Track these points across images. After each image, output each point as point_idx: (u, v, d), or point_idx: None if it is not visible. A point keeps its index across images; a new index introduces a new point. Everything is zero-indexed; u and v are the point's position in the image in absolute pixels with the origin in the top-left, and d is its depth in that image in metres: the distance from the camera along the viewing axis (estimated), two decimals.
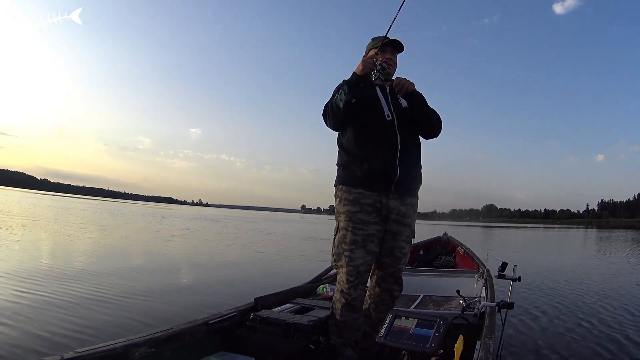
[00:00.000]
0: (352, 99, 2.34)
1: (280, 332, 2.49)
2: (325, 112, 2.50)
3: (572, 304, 6.20)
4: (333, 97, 2.47)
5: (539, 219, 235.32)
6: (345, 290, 2.50)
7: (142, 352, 1.97)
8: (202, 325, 2.35)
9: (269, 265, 9.59)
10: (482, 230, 49.66)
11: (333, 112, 2.44)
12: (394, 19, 2.35)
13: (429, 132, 2.63)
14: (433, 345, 1.95)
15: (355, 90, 2.35)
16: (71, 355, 1.73)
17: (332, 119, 2.47)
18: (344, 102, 2.35)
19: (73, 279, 6.07)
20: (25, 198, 56.65)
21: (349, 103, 2.35)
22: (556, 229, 70.75)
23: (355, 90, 2.35)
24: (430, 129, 2.62)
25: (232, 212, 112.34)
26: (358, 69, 2.36)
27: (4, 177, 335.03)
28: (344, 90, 2.35)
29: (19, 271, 6.33)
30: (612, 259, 15.35)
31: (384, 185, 2.47)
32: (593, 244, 27.14)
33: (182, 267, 8.52)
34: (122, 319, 4.26)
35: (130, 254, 10.07)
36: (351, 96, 2.34)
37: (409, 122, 2.54)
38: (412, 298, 3.61)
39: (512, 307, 2.61)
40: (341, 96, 2.36)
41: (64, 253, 9.16)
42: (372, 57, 2.43)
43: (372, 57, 2.43)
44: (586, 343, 4.25)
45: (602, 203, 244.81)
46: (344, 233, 2.50)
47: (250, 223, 34.68)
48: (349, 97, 2.34)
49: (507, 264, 2.90)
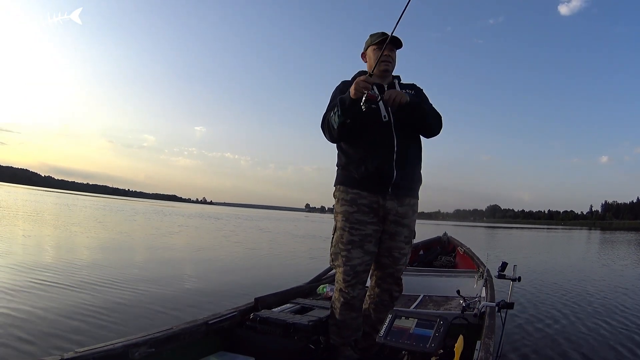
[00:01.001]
0: (346, 120, 2.34)
1: (280, 332, 2.50)
2: (323, 126, 2.48)
3: (573, 303, 6.19)
4: (329, 112, 2.44)
5: (543, 220, 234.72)
6: (343, 290, 2.51)
7: (142, 352, 1.98)
8: (202, 325, 2.35)
9: (269, 265, 9.60)
10: (486, 230, 49.60)
11: (329, 131, 2.44)
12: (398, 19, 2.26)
13: (428, 133, 2.61)
14: (433, 345, 1.95)
15: (349, 113, 2.32)
16: (71, 355, 1.73)
17: (330, 136, 2.47)
18: (338, 123, 2.35)
19: (73, 278, 6.07)
20: (27, 195, 56.77)
21: (343, 124, 2.35)
22: (560, 230, 70.52)
23: (349, 112, 2.32)
24: (429, 131, 2.60)
25: (236, 210, 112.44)
26: (351, 92, 2.26)
27: (8, 174, 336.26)
28: (338, 112, 2.33)
29: (19, 271, 6.33)
30: (613, 260, 15.29)
31: (381, 187, 2.47)
32: (595, 246, 27.03)
33: (182, 266, 8.53)
34: (122, 319, 4.26)
35: (130, 253, 10.08)
36: (345, 118, 2.33)
37: (407, 122, 2.52)
38: (412, 298, 3.60)
39: (512, 307, 2.61)
40: (335, 118, 2.35)
41: (63, 252, 9.14)
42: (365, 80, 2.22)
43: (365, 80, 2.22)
44: (586, 343, 4.24)
45: (606, 204, 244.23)
46: (341, 233, 2.50)
47: (252, 221, 34.72)
48: (342, 119, 2.34)
49: (507, 264, 2.90)
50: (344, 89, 2.49)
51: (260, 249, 13.21)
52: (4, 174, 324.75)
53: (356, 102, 2.26)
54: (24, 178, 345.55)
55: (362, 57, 2.70)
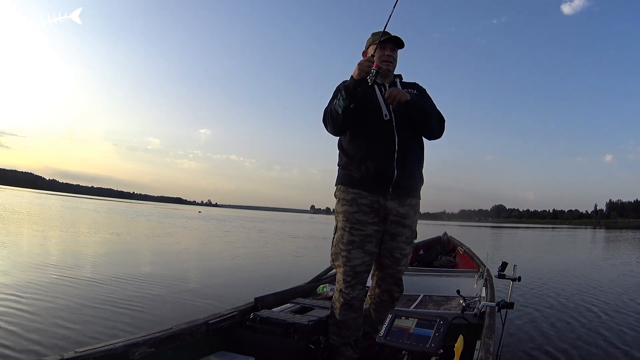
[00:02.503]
0: (350, 104, 2.32)
1: (280, 332, 2.49)
2: (325, 118, 2.46)
3: (573, 303, 6.17)
4: (332, 102, 2.44)
5: (548, 220, 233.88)
6: (343, 290, 2.50)
7: (142, 352, 1.98)
8: (202, 325, 2.35)
9: (269, 265, 9.63)
10: (491, 230, 49.46)
11: (332, 117, 2.40)
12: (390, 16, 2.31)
13: (429, 135, 2.60)
14: (433, 345, 1.95)
15: (353, 95, 2.32)
16: (71, 355, 1.73)
17: (332, 125, 2.44)
18: (343, 107, 2.32)
19: (73, 279, 6.11)
20: (30, 198, 56.92)
21: (347, 108, 2.33)
22: (564, 229, 70.23)
23: (353, 95, 2.31)
24: (430, 133, 2.58)
25: (241, 212, 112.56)
26: (355, 73, 2.30)
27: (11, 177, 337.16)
28: (342, 95, 2.32)
29: (19, 271, 6.37)
30: (616, 260, 15.23)
31: (381, 186, 2.45)
32: (598, 245, 26.91)
33: (182, 266, 8.56)
34: (122, 319, 4.28)
35: (130, 254, 10.12)
36: (349, 101, 2.31)
37: (408, 121, 2.50)
38: (412, 298, 3.60)
39: (512, 307, 2.60)
40: (340, 102, 2.34)
41: (64, 254, 9.17)
42: (368, 60, 2.33)
43: (368, 60, 2.33)
44: (587, 343, 4.23)
45: (610, 203, 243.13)
46: (342, 233, 2.50)
47: (256, 223, 34.73)
48: (347, 103, 2.31)
49: (507, 264, 2.90)
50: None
51: (261, 249, 13.23)
52: (7, 178, 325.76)
53: (359, 82, 2.30)
54: (27, 181, 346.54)
55: (363, 55, 2.67)
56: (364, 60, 2.31)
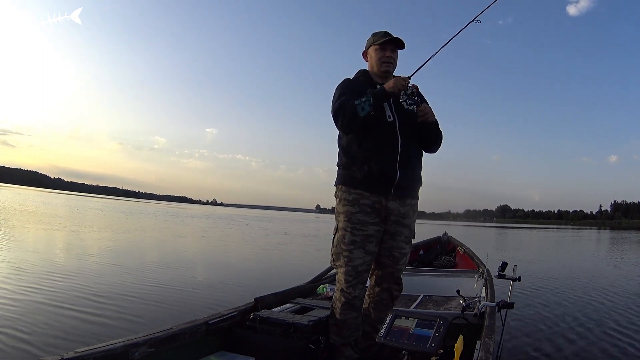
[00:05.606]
0: (372, 111, 2.38)
1: (280, 332, 2.49)
2: (340, 112, 2.41)
3: (573, 303, 6.18)
4: (347, 98, 2.42)
5: (553, 220, 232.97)
6: (345, 290, 2.51)
7: (142, 352, 1.98)
8: (202, 325, 2.35)
9: (269, 265, 9.65)
10: (496, 230, 49.39)
11: (351, 118, 2.38)
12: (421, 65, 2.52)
13: (429, 149, 2.68)
14: (433, 345, 1.95)
15: (380, 105, 2.41)
16: (71, 355, 1.73)
17: (348, 123, 2.41)
18: (366, 113, 2.37)
19: (73, 278, 6.12)
20: (35, 197, 57.09)
21: (369, 115, 2.38)
22: (569, 230, 70.00)
23: (380, 104, 2.41)
24: (433, 148, 2.67)
25: (247, 211, 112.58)
26: (388, 85, 2.41)
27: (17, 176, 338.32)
28: (369, 101, 2.37)
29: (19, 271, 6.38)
30: (617, 260, 15.18)
31: (384, 187, 2.47)
32: (601, 245, 26.82)
33: (182, 266, 8.57)
34: (122, 319, 4.30)
35: (131, 253, 10.17)
36: (373, 108, 2.38)
37: (411, 124, 2.53)
38: (412, 298, 3.60)
39: (512, 307, 2.60)
40: (365, 105, 2.36)
41: (65, 253, 9.24)
42: (405, 79, 2.48)
43: (405, 79, 2.48)
44: (587, 343, 4.23)
45: (615, 204, 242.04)
46: (343, 233, 2.51)
47: (261, 222, 34.77)
48: (371, 110, 2.37)
49: (507, 264, 2.90)
50: (351, 84, 2.55)
51: (261, 248, 13.24)
52: (13, 176, 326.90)
53: (389, 95, 2.43)
54: (33, 180, 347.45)
55: (364, 55, 2.70)
56: (401, 78, 2.48)
